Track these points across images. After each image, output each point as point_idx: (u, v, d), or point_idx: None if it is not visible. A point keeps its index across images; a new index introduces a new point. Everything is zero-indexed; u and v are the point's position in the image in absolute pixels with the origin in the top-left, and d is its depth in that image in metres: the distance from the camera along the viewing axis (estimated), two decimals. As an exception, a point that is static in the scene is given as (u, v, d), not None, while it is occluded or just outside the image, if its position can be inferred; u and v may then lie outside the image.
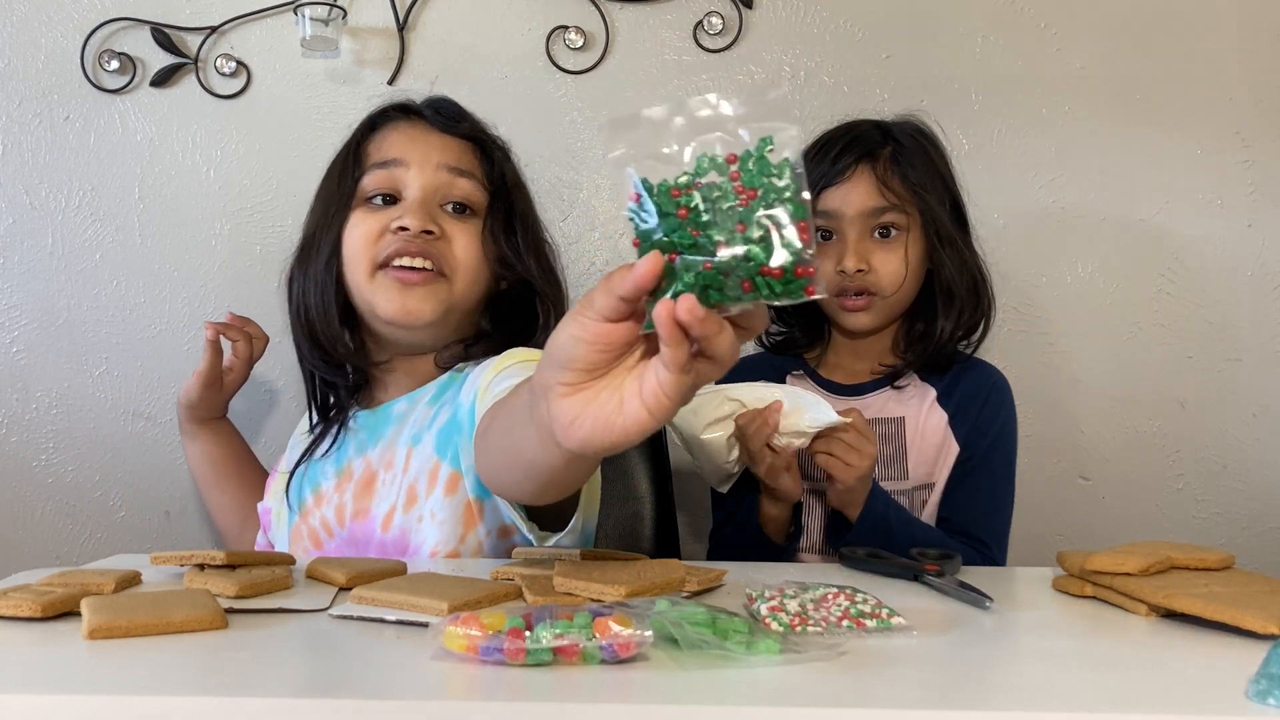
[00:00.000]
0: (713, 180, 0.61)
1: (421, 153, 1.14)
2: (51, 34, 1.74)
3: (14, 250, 1.76)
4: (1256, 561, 1.54)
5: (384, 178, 1.13)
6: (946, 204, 1.38)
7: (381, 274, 1.11)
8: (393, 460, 1.14)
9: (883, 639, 0.77)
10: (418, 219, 1.10)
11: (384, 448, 1.16)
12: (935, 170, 1.38)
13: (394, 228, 1.09)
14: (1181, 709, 0.64)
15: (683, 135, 0.62)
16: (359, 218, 1.13)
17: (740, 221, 0.59)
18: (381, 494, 1.14)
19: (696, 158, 0.62)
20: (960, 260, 1.37)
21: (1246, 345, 1.72)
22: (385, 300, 1.11)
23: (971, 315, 1.39)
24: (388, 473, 1.15)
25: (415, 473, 1.12)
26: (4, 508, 1.77)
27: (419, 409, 1.16)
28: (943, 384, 1.38)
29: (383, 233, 1.11)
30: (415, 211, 1.10)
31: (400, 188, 1.13)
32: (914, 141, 1.39)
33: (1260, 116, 1.71)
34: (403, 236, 1.09)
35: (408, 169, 1.12)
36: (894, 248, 1.34)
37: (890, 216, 1.34)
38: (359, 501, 1.15)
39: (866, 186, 1.34)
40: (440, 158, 1.14)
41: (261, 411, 1.76)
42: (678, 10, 1.73)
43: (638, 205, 0.63)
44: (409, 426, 1.15)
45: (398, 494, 1.12)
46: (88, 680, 0.70)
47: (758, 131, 0.60)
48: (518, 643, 0.69)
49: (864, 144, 1.37)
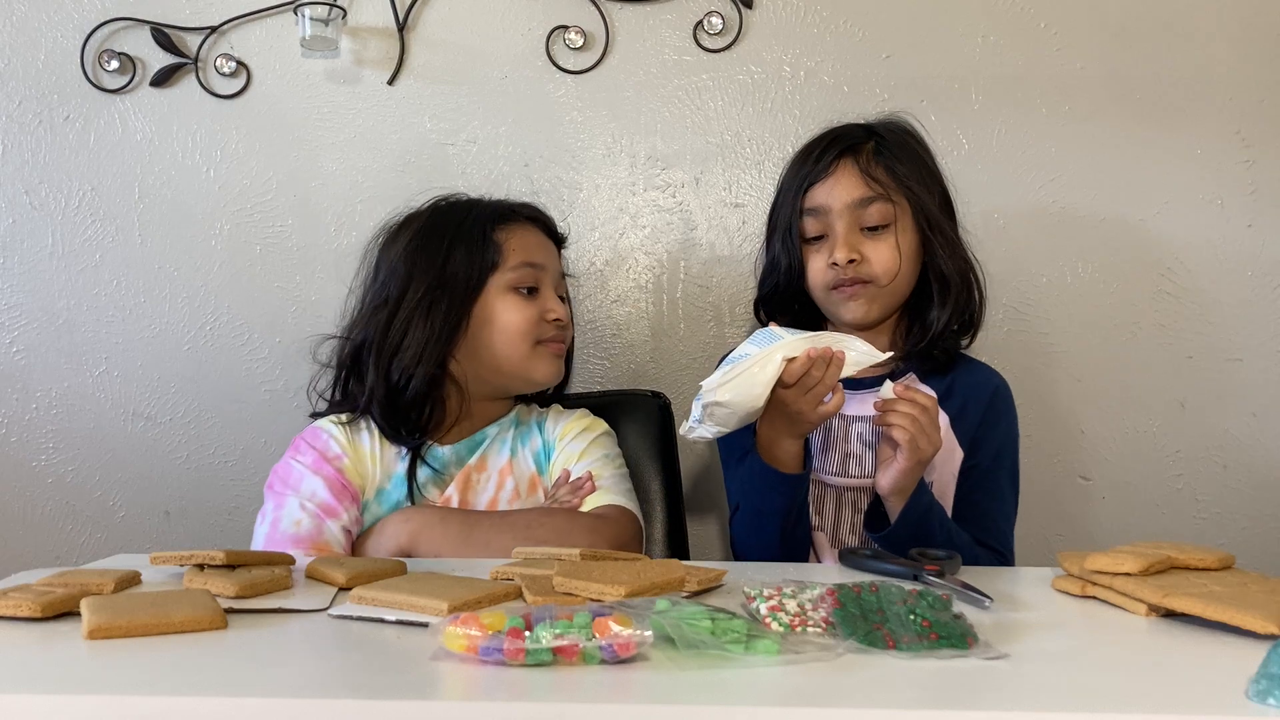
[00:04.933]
0: None
1: (548, 257, 1.43)
2: (51, 34, 1.74)
3: (14, 250, 1.76)
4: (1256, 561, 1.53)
5: (531, 276, 1.38)
6: (935, 195, 1.38)
7: (542, 347, 1.39)
8: (486, 464, 1.39)
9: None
10: (564, 313, 1.42)
11: (478, 460, 1.39)
12: (921, 162, 1.38)
13: (550, 318, 1.39)
14: (1181, 709, 0.64)
15: None
16: (513, 302, 1.37)
17: None
18: (479, 489, 1.38)
19: None
20: (953, 249, 1.37)
21: (1246, 345, 1.72)
22: (544, 367, 1.40)
23: (966, 305, 1.39)
24: (481, 474, 1.38)
25: (519, 475, 1.39)
26: (4, 508, 1.77)
27: (504, 428, 1.43)
28: (944, 385, 1.38)
29: (539, 319, 1.38)
30: (560, 307, 1.41)
31: (540, 287, 1.40)
32: (897, 136, 1.39)
33: (1260, 116, 1.71)
34: (556, 325, 1.40)
35: (545, 271, 1.41)
36: (885, 237, 1.34)
37: (878, 207, 1.33)
38: (462, 496, 1.37)
39: (851, 178, 1.34)
40: (559, 267, 1.46)
41: (261, 412, 1.75)
42: (678, 10, 1.73)
43: None
44: (499, 441, 1.41)
45: (496, 490, 1.37)
46: (88, 680, 0.70)
47: None
48: (518, 643, 0.69)
49: (846, 140, 1.37)
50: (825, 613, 0.80)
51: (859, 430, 1.37)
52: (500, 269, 1.36)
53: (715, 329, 1.76)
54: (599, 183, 1.76)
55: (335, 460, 1.33)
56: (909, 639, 0.75)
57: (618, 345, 1.77)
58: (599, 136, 1.75)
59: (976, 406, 1.37)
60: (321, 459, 1.33)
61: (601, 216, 1.76)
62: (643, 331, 1.77)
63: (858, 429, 1.37)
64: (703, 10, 1.72)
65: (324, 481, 1.30)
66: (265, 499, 1.33)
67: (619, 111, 1.75)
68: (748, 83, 1.74)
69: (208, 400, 1.76)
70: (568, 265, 1.55)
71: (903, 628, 0.77)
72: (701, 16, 1.72)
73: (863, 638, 0.75)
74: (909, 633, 0.76)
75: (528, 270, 1.37)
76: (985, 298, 1.42)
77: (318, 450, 1.33)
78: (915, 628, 0.77)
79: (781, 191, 1.42)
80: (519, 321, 1.36)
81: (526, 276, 1.37)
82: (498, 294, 1.36)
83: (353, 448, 1.35)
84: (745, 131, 1.73)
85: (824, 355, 1.16)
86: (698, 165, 1.75)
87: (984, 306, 1.42)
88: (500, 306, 1.36)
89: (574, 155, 1.75)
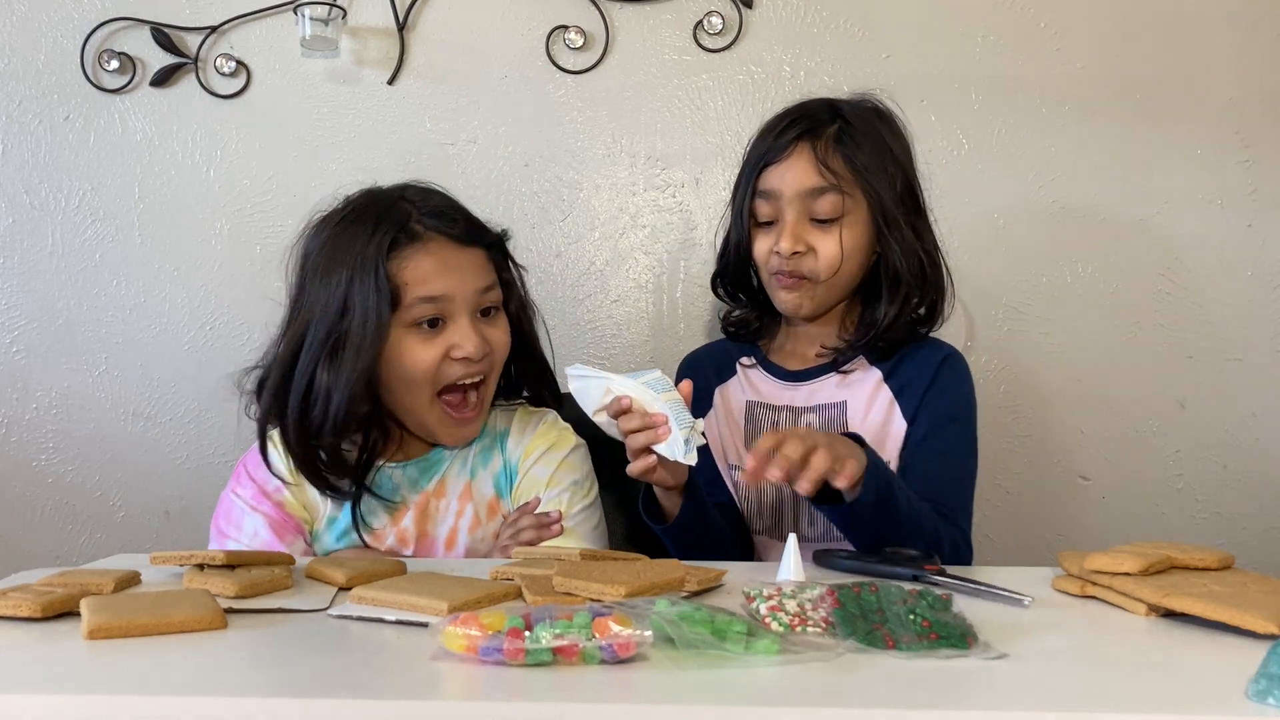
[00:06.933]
0: None
1: (454, 279, 1.24)
2: (51, 34, 1.74)
3: (14, 250, 1.76)
4: (1256, 561, 1.53)
5: (430, 310, 1.23)
6: (897, 185, 1.31)
7: (438, 406, 1.26)
8: (445, 489, 1.31)
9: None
10: (475, 346, 1.24)
11: (436, 485, 1.31)
12: (885, 150, 1.32)
13: (458, 356, 1.24)
14: (1181, 709, 0.64)
15: None
16: (414, 342, 1.23)
17: None
18: (439, 519, 1.30)
19: None
20: (907, 245, 1.31)
21: (1246, 345, 1.72)
22: (445, 430, 1.28)
23: (919, 300, 1.34)
24: (440, 500, 1.30)
25: (478, 500, 1.31)
26: (4, 508, 1.77)
27: (463, 446, 1.33)
28: (889, 365, 1.34)
29: (443, 358, 1.24)
30: (471, 339, 1.24)
31: (446, 316, 1.25)
32: (863, 121, 1.32)
33: (1260, 116, 1.71)
34: (465, 363, 1.25)
35: (449, 300, 1.24)
36: (833, 231, 1.30)
37: (829, 199, 1.28)
38: (419, 527, 1.29)
39: (805, 165, 1.29)
40: (475, 283, 1.26)
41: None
42: (678, 10, 1.73)
43: None
44: (458, 461, 1.32)
45: (455, 518, 1.29)
46: (88, 680, 0.70)
47: None
48: (518, 643, 0.69)
49: (808, 121, 1.32)
50: (825, 613, 0.80)
51: (807, 420, 1.34)
52: (400, 308, 1.21)
53: (715, 329, 1.75)
54: (599, 183, 1.76)
55: (274, 494, 1.28)
56: (909, 639, 0.75)
57: (618, 345, 1.77)
58: (599, 136, 1.75)
59: (921, 378, 1.32)
60: (260, 493, 1.28)
61: (601, 216, 1.76)
62: (643, 332, 1.77)
63: (806, 419, 1.35)
64: (703, 10, 1.72)
65: (264, 519, 1.26)
66: (210, 538, 1.29)
67: (619, 111, 1.75)
68: (748, 83, 1.74)
69: (208, 400, 1.76)
70: (564, 267, 1.48)
71: (902, 628, 0.77)
72: (701, 16, 1.72)
73: (863, 638, 0.75)
74: (909, 632, 0.76)
75: (426, 306, 1.22)
76: (947, 289, 1.37)
77: (256, 484, 1.29)
78: (915, 627, 0.77)
79: (742, 165, 1.38)
80: (419, 363, 1.22)
81: (425, 311, 1.22)
82: (401, 334, 1.22)
83: (295, 474, 1.28)
84: (745, 131, 1.73)
85: (623, 406, 1.11)
86: (698, 165, 1.75)
87: (945, 297, 1.37)
88: (404, 348, 1.22)
89: (574, 155, 1.75)
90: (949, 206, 1.66)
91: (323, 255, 1.25)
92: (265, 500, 1.28)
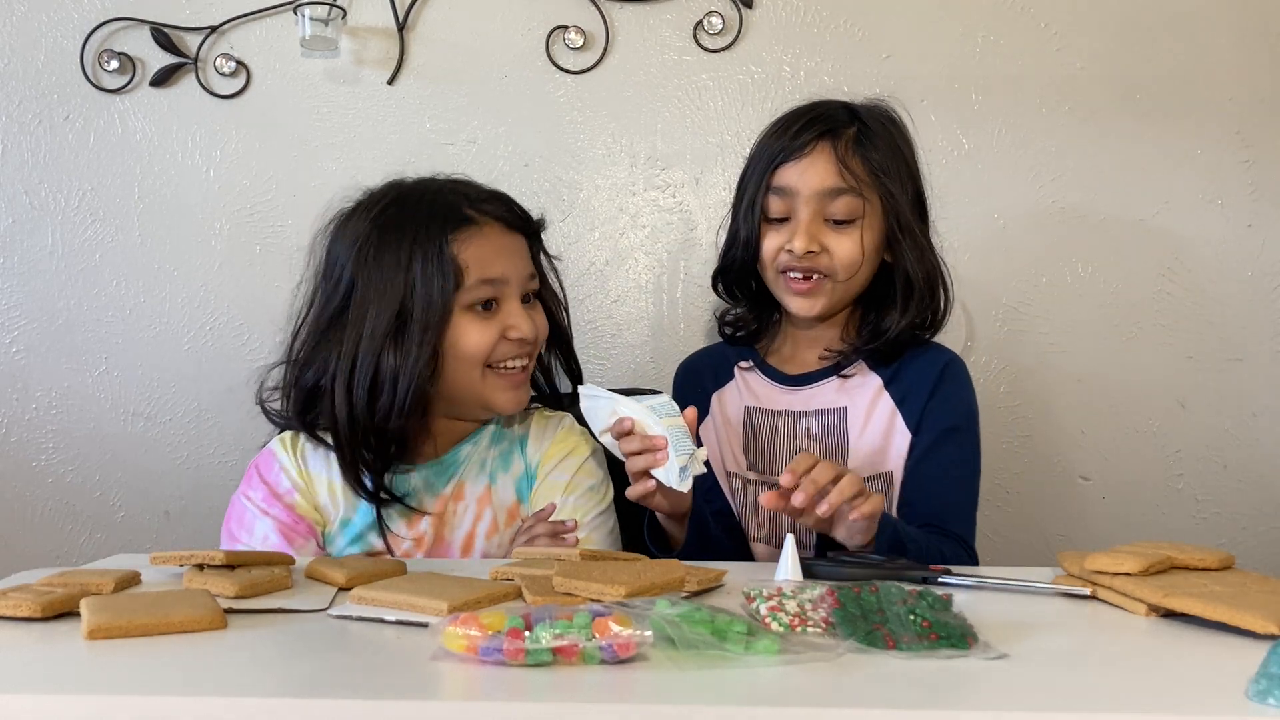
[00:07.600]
0: None
1: (510, 262, 1.29)
2: (51, 34, 1.74)
3: (14, 250, 1.76)
4: (1256, 561, 1.54)
5: (488, 291, 1.26)
6: (909, 193, 1.32)
7: (493, 375, 1.28)
8: (464, 493, 1.31)
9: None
10: (530, 328, 1.29)
11: (455, 488, 1.31)
12: (900, 157, 1.32)
13: (513, 336, 1.27)
14: (1181, 709, 0.64)
15: None
16: (472, 323, 1.26)
17: None
18: (455, 523, 1.30)
19: None
20: (920, 252, 1.32)
21: (1246, 345, 1.72)
22: (500, 397, 1.30)
23: (928, 309, 1.34)
24: (458, 504, 1.30)
25: (497, 505, 1.30)
26: (4, 508, 1.77)
27: (481, 449, 1.33)
28: (889, 371, 1.34)
29: (499, 339, 1.27)
30: (526, 320, 1.28)
31: (500, 299, 1.28)
32: (880, 126, 1.33)
33: (1260, 116, 1.71)
34: (519, 343, 1.28)
35: (506, 283, 1.27)
36: (850, 232, 1.29)
37: (847, 200, 1.28)
38: (436, 530, 1.29)
39: (825, 164, 1.28)
40: (526, 269, 1.31)
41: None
42: (678, 10, 1.73)
43: None
44: (476, 464, 1.32)
45: (474, 522, 1.30)
46: (88, 680, 0.70)
47: None
48: (517, 643, 0.69)
49: (828, 121, 1.31)
50: (825, 613, 0.80)
51: (806, 425, 1.34)
52: (461, 289, 1.23)
53: (715, 329, 1.75)
54: (599, 183, 1.76)
55: (286, 496, 1.28)
56: (909, 639, 0.75)
57: (618, 345, 1.77)
58: (599, 136, 1.75)
59: (923, 386, 1.32)
60: (271, 496, 1.28)
61: (601, 216, 1.76)
62: (643, 332, 1.77)
63: (805, 424, 1.34)
64: (703, 10, 1.72)
65: (274, 524, 1.26)
66: (221, 541, 1.29)
67: (619, 111, 1.75)
68: (748, 83, 1.74)
69: (208, 400, 1.76)
70: (564, 267, 1.46)
71: (903, 628, 0.77)
72: (701, 16, 1.72)
73: (863, 638, 0.75)
74: (909, 633, 0.76)
75: (486, 288, 1.25)
76: (952, 300, 1.38)
77: (268, 485, 1.28)
78: (915, 628, 0.77)
79: (752, 160, 1.36)
80: (477, 344, 1.25)
81: (485, 293, 1.25)
82: (459, 315, 1.24)
83: (306, 477, 1.29)
84: (745, 131, 1.73)
85: (625, 428, 1.12)
86: (698, 165, 1.75)
87: (949, 308, 1.38)
88: (462, 329, 1.24)
89: (574, 155, 1.75)
90: (949, 206, 1.65)
91: (375, 242, 1.25)
92: (276, 503, 1.27)
